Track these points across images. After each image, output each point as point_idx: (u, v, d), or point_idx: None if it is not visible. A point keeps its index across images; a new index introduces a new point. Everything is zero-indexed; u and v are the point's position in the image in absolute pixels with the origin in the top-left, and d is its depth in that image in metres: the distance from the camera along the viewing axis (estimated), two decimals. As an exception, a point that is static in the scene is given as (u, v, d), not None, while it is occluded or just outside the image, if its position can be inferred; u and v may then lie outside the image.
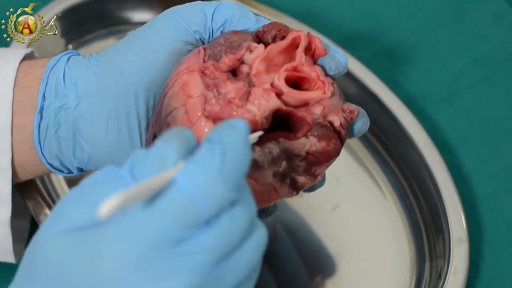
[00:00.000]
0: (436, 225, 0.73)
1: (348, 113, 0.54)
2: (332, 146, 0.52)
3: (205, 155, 0.42)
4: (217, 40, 0.54)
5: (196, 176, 0.41)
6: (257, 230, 0.44)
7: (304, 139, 0.52)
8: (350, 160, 0.79)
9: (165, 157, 0.42)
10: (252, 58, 0.52)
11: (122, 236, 0.41)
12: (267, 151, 0.51)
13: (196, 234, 0.41)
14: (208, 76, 0.52)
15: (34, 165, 0.59)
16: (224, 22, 0.56)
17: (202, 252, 0.41)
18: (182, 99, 0.52)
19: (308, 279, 0.72)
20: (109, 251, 0.41)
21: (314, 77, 0.53)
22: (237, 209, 0.43)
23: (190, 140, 0.43)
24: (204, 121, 0.51)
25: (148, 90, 0.56)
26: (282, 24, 0.55)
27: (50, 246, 0.42)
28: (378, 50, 0.87)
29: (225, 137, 0.43)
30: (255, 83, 0.51)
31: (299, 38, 0.53)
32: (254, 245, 0.43)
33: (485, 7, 0.91)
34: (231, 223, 0.42)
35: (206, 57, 0.53)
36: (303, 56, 0.53)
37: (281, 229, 0.73)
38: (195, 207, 0.41)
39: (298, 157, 0.52)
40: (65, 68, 0.57)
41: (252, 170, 0.51)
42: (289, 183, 0.52)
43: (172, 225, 0.41)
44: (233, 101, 0.51)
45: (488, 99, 0.86)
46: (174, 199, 0.41)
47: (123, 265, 0.41)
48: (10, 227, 0.61)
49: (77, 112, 0.57)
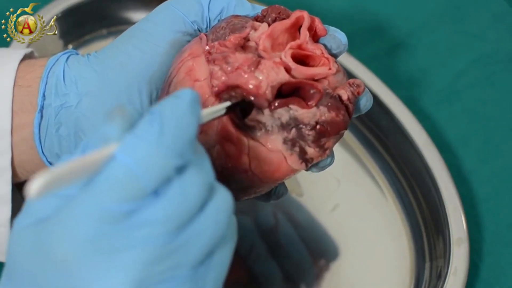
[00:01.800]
0: (436, 225, 0.73)
1: (355, 87, 0.54)
2: (341, 117, 0.52)
3: (143, 127, 0.42)
4: (218, 25, 0.54)
5: (134, 148, 0.41)
6: (217, 193, 0.44)
7: (314, 108, 0.52)
8: (350, 160, 0.79)
9: (108, 133, 0.42)
10: (257, 35, 0.53)
11: (68, 218, 0.41)
12: (276, 116, 0.51)
13: (144, 205, 0.41)
14: (215, 53, 0.52)
15: (35, 165, 0.59)
16: (221, 11, 0.56)
17: (153, 223, 0.41)
18: (189, 84, 0.52)
19: (311, 273, 0.72)
20: (59, 236, 0.41)
21: (319, 54, 0.53)
22: (187, 176, 0.42)
23: (132, 115, 0.43)
24: (212, 102, 0.51)
25: (151, 83, 0.56)
26: (282, 7, 0.55)
27: (15, 240, 0.42)
28: (378, 50, 0.87)
29: (165, 108, 0.42)
30: (264, 56, 0.52)
31: (302, 18, 0.54)
32: (216, 209, 0.43)
33: (485, 7, 0.91)
34: (181, 190, 0.42)
35: (210, 42, 0.53)
36: (307, 34, 0.53)
37: (284, 223, 0.73)
38: (136, 179, 0.41)
39: (308, 126, 0.52)
40: (65, 67, 0.57)
41: (261, 134, 0.51)
42: (299, 152, 0.52)
43: (114, 199, 0.41)
44: (241, 67, 0.51)
45: (488, 99, 0.86)
46: (112, 173, 0.41)
47: (75, 247, 0.41)
48: (10, 227, 0.61)
49: (78, 111, 0.57)
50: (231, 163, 0.52)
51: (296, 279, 0.71)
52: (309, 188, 0.75)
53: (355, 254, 0.73)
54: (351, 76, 0.79)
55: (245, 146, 0.51)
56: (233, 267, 0.73)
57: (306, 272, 0.72)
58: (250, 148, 0.51)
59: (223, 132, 0.51)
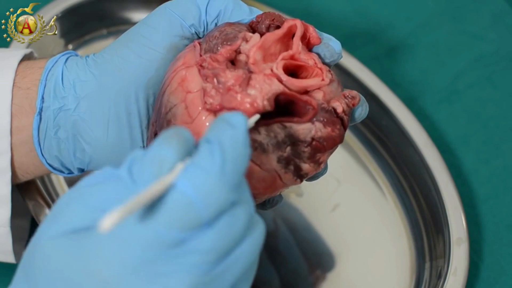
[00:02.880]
0: (436, 225, 0.73)
1: (350, 99, 0.53)
2: (337, 132, 0.52)
3: (204, 157, 0.42)
4: (212, 33, 0.54)
5: (196, 179, 0.41)
6: (256, 226, 0.44)
7: (309, 124, 0.51)
8: (350, 160, 0.79)
9: (163, 158, 0.42)
10: (248, 47, 0.52)
11: (120, 241, 0.41)
12: (272, 134, 0.51)
13: (196, 235, 0.42)
14: (207, 68, 0.51)
15: (34, 166, 0.59)
16: (218, 14, 0.56)
17: (201, 252, 0.41)
18: (181, 95, 0.52)
19: (308, 279, 0.72)
20: (107, 256, 0.41)
21: (312, 65, 0.53)
22: (236, 209, 0.43)
23: (188, 140, 0.43)
24: (205, 115, 0.51)
25: (148, 88, 0.56)
26: (276, 13, 0.54)
27: (48, 249, 0.42)
28: (378, 50, 0.87)
29: (224, 137, 0.43)
30: (254, 70, 0.51)
31: (295, 27, 0.53)
32: (252, 243, 0.44)
33: (485, 7, 0.91)
34: (230, 223, 0.42)
35: (203, 51, 0.53)
36: (300, 44, 0.53)
37: (283, 227, 0.73)
38: (196, 210, 0.41)
39: (303, 143, 0.51)
40: (63, 70, 0.57)
41: (257, 153, 0.51)
42: (293, 170, 0.52)
43: (171, 228, 0.41)
44: (232, 88, 0.50)
45: (488, 99, 0.86)
46: (174, 204, 0.41)
47: (121, 269, 0.41)
48: (10, 227, 0.61)
49: (76, 114, 0.56)
50: None
51: (296, 280, 0.71)
52: (308, 188, 0.75)
53: (355, 254, 0.73)
54: (351, 76, 0.79)
55: None
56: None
57: (306, 272, 0.72)
58: None
59: None
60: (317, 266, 0.72)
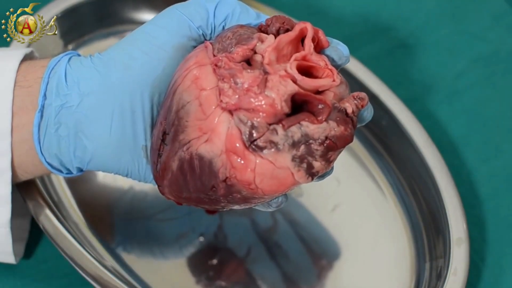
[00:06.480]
0: (436, 225, 0.73)
1: (359, 100, 0.54)
2: (349, 131, 0.53)
3: None
4: (224, 34, 0.55)
5: None
6: None
7: (325, 123, 0.52)
8: (350, 160, 0.79)
9: None
10: (263, 47, 0.53)
11: None
12: (290, 134, 0.52)
13: None
14: (223, 67, 0.52)
15: (34, 165, 0.59)
16: (226, 17, 0.57)
17: None
18: (195, 93, 0.53)
19: (308, 279, 0.72)
20: None
21: (323, 66, 0.54)
22: None
23: None
24: (219, 113, 0.52)
25: (154, 87, 0.56)
26: (286, 16, 0.55)
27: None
28: (379, 50, 0.87)
29: None
30: (269, 71, 0.52)
31: (306, 29, 0.54)
32: None
33: (485, 7, 0.91)
34: None
35: (216, 51, 0.54)
36: (311, 46, 0.54)
37: (283, 227, 0.74)
38: None
39: (317, 141, 0.52)
40: (67, 68, 0.57)
41: (272, 153, 0.52)
42: (306, 168, 0.53)
43: None
44: (251, 89, 0.51)
45: (488, 99, 0.86)
46: None
47: None
48: (10, 228, 0.61)
49: (79, 111, 0.57)
50: (236, 174, 0.52)
51: (295, 280, 0.71)
52: (308, 188, 0.75)
53: (355, 254, 0.73)
54: (352, 76, 0.79)
55: (252, 162, 0.52)
56: (232, 268, 0.73)
57: (306, 273, 0.72)
58: (257, 164, 0.52)
59: (229, 144, 0.52)
60: (317, 266, 0.72)
